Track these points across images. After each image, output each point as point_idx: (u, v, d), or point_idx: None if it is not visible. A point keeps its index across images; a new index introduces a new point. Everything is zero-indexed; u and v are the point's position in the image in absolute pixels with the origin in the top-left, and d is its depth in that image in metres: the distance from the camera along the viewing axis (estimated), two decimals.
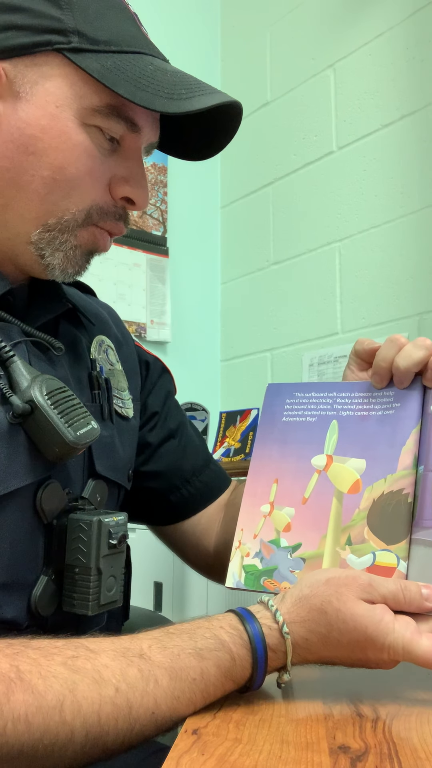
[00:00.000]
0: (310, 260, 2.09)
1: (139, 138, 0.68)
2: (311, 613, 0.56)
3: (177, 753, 0.44)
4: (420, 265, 1.80)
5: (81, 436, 0.63)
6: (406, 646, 0.54)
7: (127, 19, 0.66)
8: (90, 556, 0.64)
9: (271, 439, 0.73)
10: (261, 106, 2.28)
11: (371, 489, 0.66)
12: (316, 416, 0.72)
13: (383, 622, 0.55)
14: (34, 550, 0.64)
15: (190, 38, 2.32)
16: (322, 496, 0.67)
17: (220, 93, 0.66)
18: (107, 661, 0.50)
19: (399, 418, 0.68)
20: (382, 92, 1.91)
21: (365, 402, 0.71)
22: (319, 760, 0.43)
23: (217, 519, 0.88)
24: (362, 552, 0.64)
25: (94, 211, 0.66)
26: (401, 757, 0.44)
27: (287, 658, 0.56)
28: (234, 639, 0.55)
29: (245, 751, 0.45)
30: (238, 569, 0.68)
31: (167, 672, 0.52)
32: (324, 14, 2.09)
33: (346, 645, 0.55)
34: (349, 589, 0.57)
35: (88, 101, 0.63)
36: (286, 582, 0.65)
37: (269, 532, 0.68)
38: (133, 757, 0.78)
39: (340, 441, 0.70)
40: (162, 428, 0.88)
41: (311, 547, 0.66)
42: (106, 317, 0.85)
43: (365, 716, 0.52)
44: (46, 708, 0.47)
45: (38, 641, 0.51)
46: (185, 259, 2.29)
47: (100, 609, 0.64)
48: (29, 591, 0.63)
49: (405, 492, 0.64)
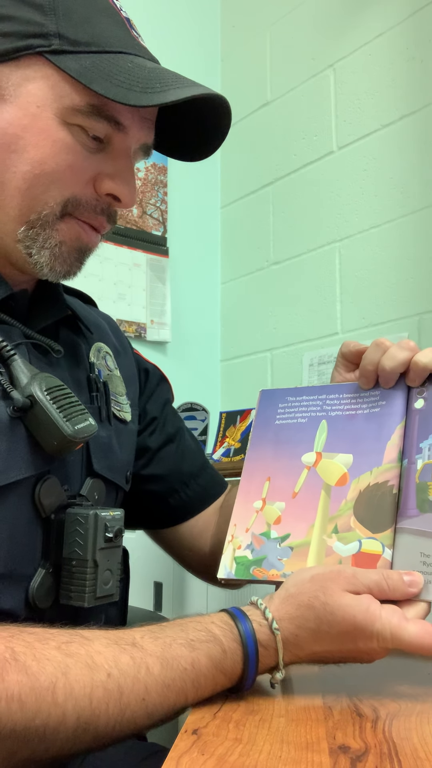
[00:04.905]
0: (310, 260, 2.09)
1: (127, 137, 0.68)
2: (299, 610, 0.58)
3: (177, 753, 0.44)
4: (420, 265, 1.80)
5: (79, 431, 0.64)
6: (393, 631, 0.55)
7: (115, 23, 0.67)
8: (86, 549, 0.65)
9: (265, 440, 0.76)
10: (261, 106, 2.28)
11: (358, 481, 0.68)
12: (307, 417, 0.75)
13: (370, 611, 0.56)
14: (32, 543, 0.65)
15: (190, 38, 2.32)
16: (311, 489, 0.70)
17: (200, 86, 0.66)
18: (100, 647, 0.52)
19: (384, 415, 0.71)
20: (382, 92, 1.91)
21: (353, 402, 0.74)
22: (319, 760, 0.43)
23: (213, 521, 0.89)
24: (348, 540, 0.66)
25: (71, 203, 0.66)
26: (401, 757, 0.44)
27: (278, 655, 0.57)
28: (225, 633, 0.56)
29: (245, 751, 0.45)
30: (229, 561, 0.70)
31: (159, 660, 0.53)
32: (324, 14, 2.09)
33: (336, 637, 0.57)
34: (334, 582, 0.58)
35: (69, 101, 0.64)
36: (273, 569, 0.67)
37: (260, 526, 0.71)
38: (133, 757, 0.78)
39: (329, 439, 0.73)
40: (161, 433, 0.90)
41: (299, 537, 0.68)
42: (105, 327, 0.87)
43: (365, 716, 0.52)
44: (39, 689, 0.48)
45: (33, 627, 0.52)
46: (185, 259, 2.29)
47: (96, 601, 0.66)
48: (27, 583, 0.64)
49: (390, 484, 0.67)
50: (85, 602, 0.65)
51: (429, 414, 0.68)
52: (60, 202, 0.66)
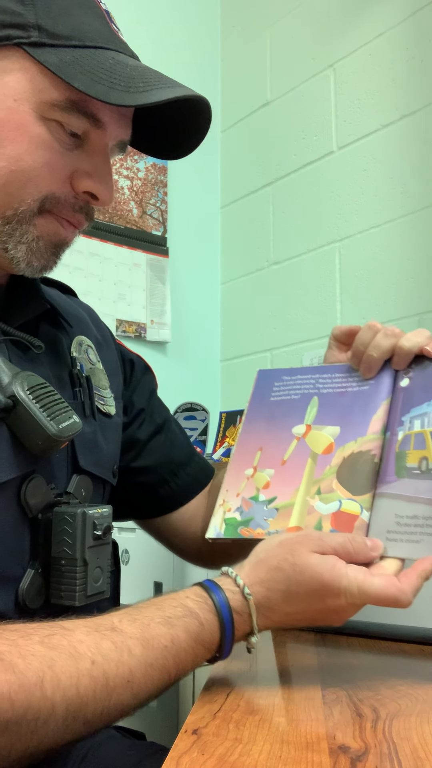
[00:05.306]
0: (310, 260, 2.09)
1: (105, 134, 0.67)
2: (269, 573, 0.60)
3: (177, 753, 0.44)
4: (420, 265, 1.80)
5: (63, 429, 0.64)
6: (360, 586, 0.58)
7: (94, 16, 0.66)
8: (75, 548, 0.65)
9: (259, 415, 0.81)
10: (261, 106, 2.28)
11: (343, 449, 0.73)
12: (300, 394, 0.80)
13: (336, 568, 0.59)
14: (20, 544, 0.65)
15: (190, 38, 2.32)
16: (299, 458, 0.75)
17: (182, 87, 0.65)
18: (82, 636, 0.53)
19: (372, 392, 0.76)
20: (382, 92, 1.91)
21: (344, 380, 0.79)
22: (319, 760, 0.43)
23: (202, 507, 0.91)
24: (329, 500, 0.70)
25: (48, 200, 0.66)
26: (401, 757, 0.44)
27: (252, 619, 0.59)
28: (200, 605, 0.58)
29: (245, 751, 0.45)
30: (219, 522, 0.74)
31: (139, 641, 0.54)
32: (324, 14, 2.09)
33: (305, 597, 0.59)
34: (301, 545, 0.61)
35: (47, 95, 0.63)
36: (260, 528, 0.71)
37: (250, 491, 0.75)
38: (133, 756, 0.78)
39: (319, 413, 0.77)
40: (150, 424, 0.90)
41: (285, 499, 0.72)
42: (86, 318, 0.86)
43: (365, 716, 0.52)
44: (28, 685, 0.48)
45: (14, 624, 0.53)
46: (185, 259, 2.28)
47: (87, 600, 0.66)
48: (16, 584, 0.64)
49: (372, 453, 0.71)
50: (76, 601, 0.65)
51: (412, 391, 0.73)
52: (37, 199, 0.65)
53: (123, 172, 2.10)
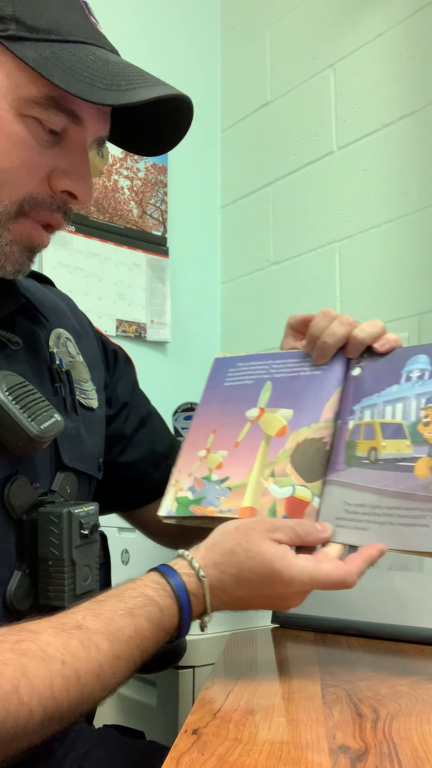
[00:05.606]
0: (310, 260, 2.09)
1: (83, 131, 0.65)
2: (224, 556, 0.62)
3: (177, 753, 0.44)
4: (420, 265, 1.80)
5: (45, 430, 0.63)
6: (310, 574, 0.61)
7: (72, 8, 0.64)
8: (62, 548, 0.64)
9: (214, 400, 0.83)
10: (261, 106, 2.28)
11: (296, 434, 0.75)
12: (254, 379, 0.81)
13: (287, 558, 0.61)
14: (5, 546, 0.64)
15: (190, 38, 2.32)
16: (252, 440, 0.76)
17: (164, 85, 0.64)
18: (49, 638, 0.53)
19: (325, 378, 0.77)
20: (382, 92, 1.91)
21: (297, 365, 0.80)
22: (319, 760, 0.43)
23: None
24: (283, 484, 0.72)
25: (27, 202, 0.64)
26: (401, 757, 0.44)
27: (206, 600, 0.62)
28: (159, 592, 0.60)
29: (245, 751, 0.45)
30: (171, 501, 0.76)
31: (105, 636, 0.55)
32: (324, 14, 2.08)
33: (256, 582, 0.61)
34: (255, 531, 0.63)
35: (26, 91, 0.61)
36: (212, 507, 0.73)
37: (203, 471, 0.76)
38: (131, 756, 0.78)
39: (273, 396, 0.79)
40: (134, 417, 0.90)
41: (238, 479, 0.74)
42: (63, 309, 0.84)
43: (365, 716, 0.52)
44: (4, 694, 0.49)
45: None
46: (185, 259, 2.28)
47: (76, 600, 0.65)
48: (4, 587, 0.64)
49: (324, 440, 0.73)
50: (65, 602, 0.64)
51: (363, 381, 0.75)
52: (15, 201, 0.63)
53: (123, 172, 2.09)
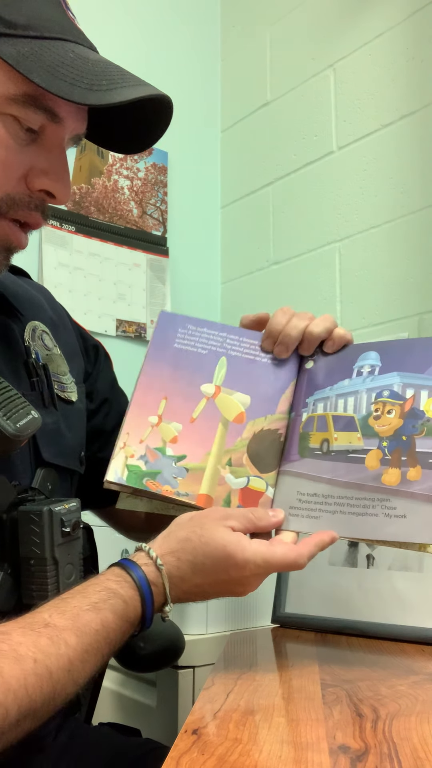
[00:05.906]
0: (310, 260, 2.09)
1: (62, 129, 0.65)
2: (180, 543, 0.64)
3: (177, 753, 0.44)
4: (420, 265, 1.80)
5: (22, 428, 0.62)
6: (264, 555, 0.63)
7: (50, 3, 0.63)
8: (44, 547, 0.64)
9: (163, 360, 0.80)
10: (261, 106, 2.28)
11: (253, 423, 0.76)
12: (207, 350, 0.80)
13: (241, 542, 0.63)
14: None
15: (190, 38, 2.32)
16: (209, 419, 0.76)
17: (146, 85, 0.64)
18: (19, 638, 0.54)
19: (281, 370, 0.79)
20: (382, 92, 1.91)
21: (252, 348, 0.80)
22: (319, 760, 0.43)
23: None
24: (239, 474, 0.74)
25: (4, 202, 0.63)
26: (401, 757, 0.44)
27: (165, 588, 0.63)
28: (121, 584, 0.61)
29: (245, 751, 0.45)
30: (120, 467, 0.73)
31: (73, 632, 0.56)
32: (324, 14, 2.08)
33: (211, 567, 0.63)
34: (209, 519, 0.65)
35: (4, 89, 0.60)
36: (168, 486, 0.73)
37: (156, 441, 0.75)
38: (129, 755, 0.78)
39: (228, 376, 0.79)
40: (115, 413, 0.90)
41: (195, 460, 0.74)
42: (39, 300, 0.83)
43: (365, 716, 0.52)
44: None
45: None
46: (185, 259, 2.28)
47: None
48: None
49: (279, 432, 0.76)
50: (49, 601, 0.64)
51: (315, 374, 0.78)
52: None
53: (123, 172, 2.09)
